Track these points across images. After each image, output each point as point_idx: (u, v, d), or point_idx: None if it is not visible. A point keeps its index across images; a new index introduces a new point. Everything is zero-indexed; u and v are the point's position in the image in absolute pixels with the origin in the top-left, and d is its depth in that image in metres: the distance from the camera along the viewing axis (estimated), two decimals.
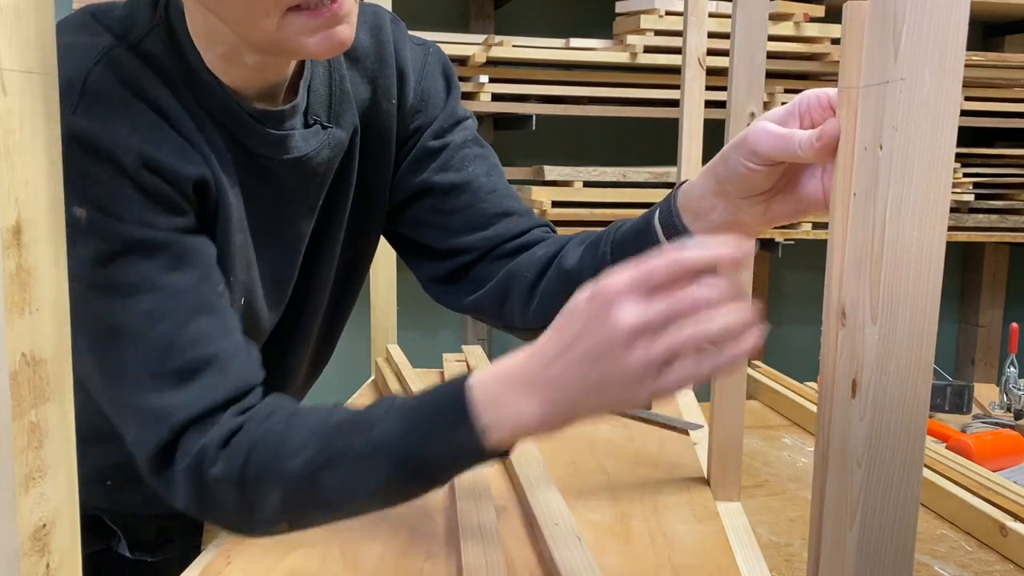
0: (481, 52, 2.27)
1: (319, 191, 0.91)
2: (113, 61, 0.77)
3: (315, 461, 0.69)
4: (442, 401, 0.68)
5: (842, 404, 0.57)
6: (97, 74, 0.75)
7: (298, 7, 0.73)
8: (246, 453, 0.70)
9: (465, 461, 0.69)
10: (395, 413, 0.70)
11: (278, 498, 0.70)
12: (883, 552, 0.55)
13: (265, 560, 0.89)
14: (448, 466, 0.69)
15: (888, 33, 0.50)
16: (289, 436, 0.71)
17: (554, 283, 0.88)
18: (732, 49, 1.00)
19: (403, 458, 0.68)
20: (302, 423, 0.72)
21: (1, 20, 0.44)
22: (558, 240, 0.94)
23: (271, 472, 0.70)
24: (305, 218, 0.92)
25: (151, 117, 0.77)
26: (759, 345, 0.61)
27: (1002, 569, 1.02)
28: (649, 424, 1.35)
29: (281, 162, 0.86)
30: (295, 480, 0.69)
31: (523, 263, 0.93)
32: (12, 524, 0.46)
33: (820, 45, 2.46)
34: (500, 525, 0.95)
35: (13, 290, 0.45)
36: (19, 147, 0.46)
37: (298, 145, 0.87)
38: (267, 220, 0.87)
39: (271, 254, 0.89)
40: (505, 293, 0.93)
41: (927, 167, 0.51)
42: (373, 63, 0.95)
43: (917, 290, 0.52)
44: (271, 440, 0.71)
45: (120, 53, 0.77)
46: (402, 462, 0.68)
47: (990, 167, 2.66)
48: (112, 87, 0.76)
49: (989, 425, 1.55)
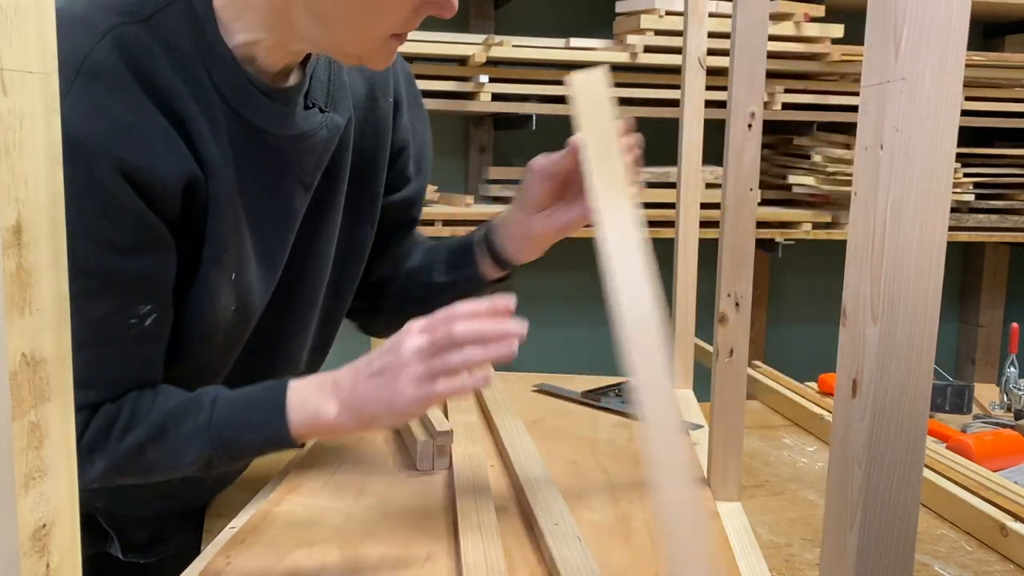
0: (481, 52, 2.27)
1: (315, 170, 0.96)
2: (119, 38, 0.79)
3: (144, 438, 0.84)
4: (264, 397, 0.86)
5: (842, 404, 0.57)
6: (100, 52, 0.78)
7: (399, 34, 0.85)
8: (81, 431, 0.80)
9: (270, 447, 0.87)
10: (221, 402, 0.86)
11: (103, 465, 0.84)
12: (883, 552, 0.55)
13: (265, 560, 0.89)
14: (255, 450, 0.88)
15: (888, 33, 0.50)
16: (128, 416, 0.84)
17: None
18: (732, 49, 1.00)
19: (221, 440, 0.84)
20: (142, 405, 0.85)
21: (1, 20, 0.44)
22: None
23: (100, 445, 0.83)
24: (300, 195, 0.95)
25: (145, 103, 0.79)
26: (513, 353, 0.81)
27: (1002, 569, 1.02)
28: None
29: (283, 137, 0.90)
30: (122, 452, 0.84)
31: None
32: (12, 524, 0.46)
33: (820, 45, 2.45)
34: (500, 525, 0.95)
35: (13, 290, 0.45)
36: (19, 147, 0.46)
37: (299, 123, 0.92)
38: (261, 195, 0.91)
39: (264, 228, 0.93)
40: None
41: (927, 167, 0.51)
42: None
43: (917, 290, 0.52)
44: (104, 419, 0.83)
45: (127, 29, 0.80)
46: (219, 443, 0.84)
47: (990, 167, 2.66)
48: (113, 66, 0.78)
49: (989, 425, 1.55)
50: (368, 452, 1.19)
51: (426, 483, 1.09)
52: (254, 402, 0.86)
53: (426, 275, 1.11)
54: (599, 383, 1.53)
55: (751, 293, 1.05)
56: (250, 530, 0.95)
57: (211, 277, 0.88)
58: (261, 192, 0.91)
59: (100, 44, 0.78)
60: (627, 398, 1.44)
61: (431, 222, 2.31)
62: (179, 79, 0.82)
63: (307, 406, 0.85)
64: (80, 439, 0.78)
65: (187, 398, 0.87)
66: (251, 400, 0.86)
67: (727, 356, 1.06)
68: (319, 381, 0.86)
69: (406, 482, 1.10)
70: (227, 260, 0.89)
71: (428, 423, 1.19)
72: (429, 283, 1.10)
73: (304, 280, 1.01)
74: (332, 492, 1.06)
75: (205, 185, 0.85)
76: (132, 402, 0.85)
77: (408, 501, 1.04)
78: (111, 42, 0.78)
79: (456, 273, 1.08)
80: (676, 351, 1.60)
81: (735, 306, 1.05)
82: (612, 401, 1.42)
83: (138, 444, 0.84)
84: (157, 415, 0.85)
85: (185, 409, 0.85)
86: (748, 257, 1.04)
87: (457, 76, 2.32)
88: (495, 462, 1.16)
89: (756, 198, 1.03)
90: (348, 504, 1.03)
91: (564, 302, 2.77)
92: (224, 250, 0.88)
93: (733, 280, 1.04)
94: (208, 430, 0.84)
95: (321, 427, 0.85)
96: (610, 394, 1.45)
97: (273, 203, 0.93)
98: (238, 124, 0.87)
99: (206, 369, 0.96)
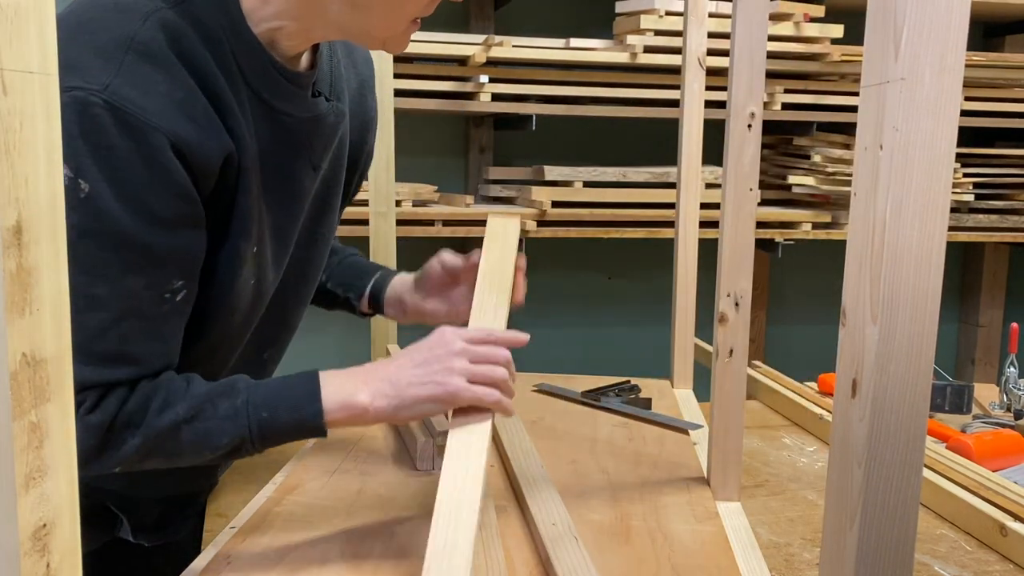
0: (481, 52, 2.27)
1: (324, 153, 1.01)
2: (160, 20, 0.84)
3: (182, 416, 0.85)
4: (297, 382, 0.90)
5: (842, 404, 0.57)
6: (146, 33, 0.82)
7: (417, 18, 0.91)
8: (118, 406, 0.83)
9: (302, 432, 0.89)
10: (255, 387, 0.89)
11: (138, 442, 0.85)
12: (883, 552, 0.55)
13: (265, 560, 0.89)
14: (287, 434, 0.89)
15: (888, 33, 0.50)
16: (164, 395, 0.86)
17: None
18: (732, 49, 1.00)
19: (257, 422, 0.87)
20: (178, 386, 0.87)
21: (1, 20, 0.44)
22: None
23: (137, 421, 0.84)
24: (308, 175, 1.00)
25: (188, 81, 0.84)
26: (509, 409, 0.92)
27: (1002, 569, 1.02)
28: (649, 423, 1.35)
29: (298, 119, 0.95)
30: (160, 430, 0.85)
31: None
32: (12, 524, 0.46)
33: (820, 45, 2.45)
34: (500, 525, 0.95)
35: (13, 290, 0.45)
36: (19, 147, 0.46)
37: (311, 107, 0.97)
38: (276, 173, 0.95)
39: (278, 205, 0.97)
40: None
41: (927, 167, 0.51)
42: (362, 60, 1.11)
43: (917, 290, 0.52)
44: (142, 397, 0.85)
45: (166, 13, 0.84)
46: (255, 425, 0.87)
47: (990, 167, 2.65)
48: (159, 45, 0.83)
49: (989, 425, 1.55)
50: (368, 452, 1.19)
51: (426, 483, 1.09)
52: (288, 387, 0.90)
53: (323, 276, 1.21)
54: (599, 383, 1.53)
55: (751, 293, 1.05)
56: (250, 530, 0.95)
57: (239, 250, 0.92)
58: (276, 170, 0.95)
59: (144, 26, 0.82)
60: (627, 398, 1.44)
61: (431, 222, 2.31)
62: (211, 59, 0.86)
63: (341, 392, 0.89)
64: (115, 416, 0.84)
65: (222, 382, 0.90)
66: (285, 385, 0.90)
67: (727, 356, 1.06)
68: (348, 371, 0.92)
69: (406, 482, 1.10)
70: (253, 233, 0.93)
71: (428, 423, 1.19)
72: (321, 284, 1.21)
73: (309, 258, 1.06)
74: (332, 492, 1.06)
75: (237, 160, 0.89)
76: (167, 383, 0.87)
77: (408, 501, 1.04)
78: (154, 24, 0.83)
79: (341, 290, 1.22)
80: (676, 351, 1.60)
81: (735, 306, 1.05)
82: (612, 401, 1.42)
83: (174, 423, 0.85)
84: (194, 396, 0.87)
85: (221, 391, 0.88)
86: (748, 257, 1.04)
87: (457, 76, 2.32)
88: (495, 462, 1.16)
89: (756, 198, 1.03)
90: (348, 504, 1.03)
91: (565, 302, 2.77)
92: (251, 223, 0.92)
93: (733, 280, 1.04)
94: (245, 412, 0.87)
95: (354, 412, 0.89)
96: (610, 394, 1.45)
97: (287, 182, 0.97)
98: (258, 105, 0.91)
99: (223, 347, 0.99)
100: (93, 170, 0.78)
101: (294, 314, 1.10)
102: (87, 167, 0.78)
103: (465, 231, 2.36)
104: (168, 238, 0.84)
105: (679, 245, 1.55)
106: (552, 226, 2.39)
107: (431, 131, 2.65)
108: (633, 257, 2.79)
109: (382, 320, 1.74)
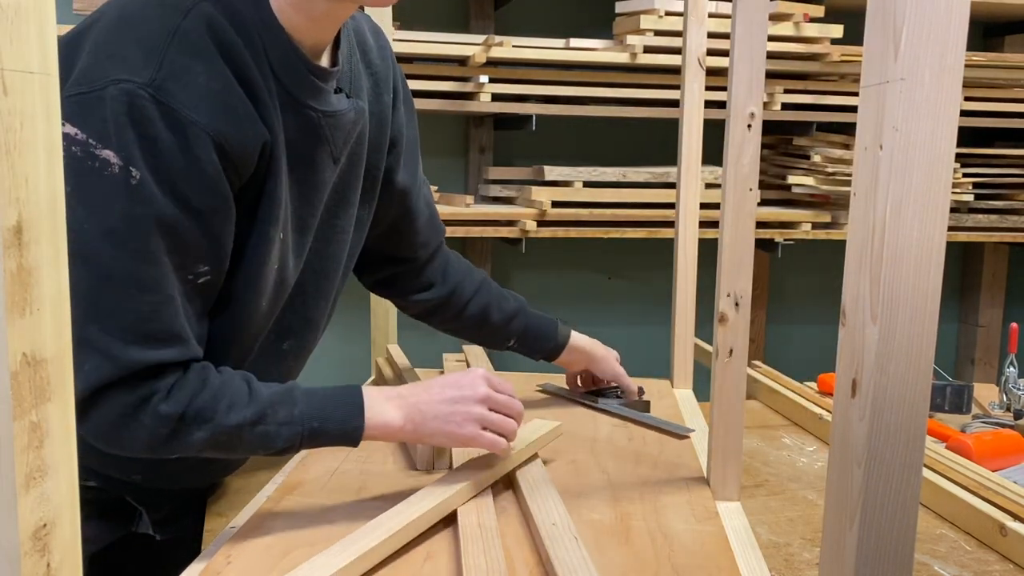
0: (481, 52, 2.27)
1: (344, 147, 1.05)
2: (200, 13, 0.88)
3: (248, 419, 0.91)
4: (344, 396, 0.98)
5: (842, 404, 0.57)
6: (187, 25, 0.87)
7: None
8: (189, 398, 0.89)
9: (341, 442, 0.97)
10: (308, 396, 0.96)
11: (205, 436, 0.90)
12: (883, 552, 0.55)
13: (265, 560, 0.89)
14: (328, 443, 0.96)
15: (888, 33, 0.51)
16: (230, 395, 0.91)
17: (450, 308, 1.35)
18: (732, 49, 1.00)
19: (309, 431, 0.94)
20: (242, 388, 0.93)
21: (1, 20, 0.44)
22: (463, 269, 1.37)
23: (207, 417, 0.90)
24: (328, 167, 1.04)
25: (225, 72, 0.89)
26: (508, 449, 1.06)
27: (1001, 569, 1.02)
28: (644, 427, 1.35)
29: (321, 112, 0.99)
30: (226, 429, 0.91)
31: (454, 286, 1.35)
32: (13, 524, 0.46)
33: (820, 45, 2.45)
34: (500, 525, 0.95)
35: (13, 290, 0.45)
36: (19, 146, 0.46)
37: (332, 102, 1.01)
38: (298, 163, 0.99)
39: (300, 195, 1.01)
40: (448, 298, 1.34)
41: (927, 167, 0.51)
42: (376, 58, 1.13)
43: (917, 290, 0.52)
44: (211, 393, 0.90)
45: (205, 6, 0.89)
46: (307, 433, 0.94)
47: (990, 167, 2.65)
48: (199, 38, 0.87)
49: (989, 425, 1.55)
50: (368, 452, 1.19)
51: (425, 483, 1.09)
52: (336, 401, 0.97)
53: (499, 335, 1.39)
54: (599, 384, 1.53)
55: (751, 293, 1.05)
56: (250, 530, 0.95)
57: (267, 235, 0.96)
58: (298, 161, 0.99)
59: (186, 20, 0.87)
60: (626, 399, 1.44)
61: None
62: (246, 51, 0.91)
63: (377, 412, 0.98)
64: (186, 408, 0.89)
65: (280, 389, 0.96)
66: (333, 398, 0.97)
67: (727, 356, 1.06)
68: (385, 392, 1.01)
69: (406, 482, 1.10)
70: (280, 219, 0.98)
71: None
72: (500, 342, 1.41)
73: (328, 250, 1.10)
74: (332, 492, 1.06)
75: (270, 148, 0.94)
76: (230, 381, 0.93)
77: None
78: (195, 17, 0.88)
79: (526, 351, 1.43)
80: (676, 351, 1.60)
81: (735, 306, 1.05)
82: (611, 403, 1.42)
83: (240, 424, 0.91)
84: (258, 401, 0.93)
85: (281, 399, 0.94)
86: (748, 257, 1.04)
87: (457, 76, 2.32)
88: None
89: (756, 198, 1.03)
90: (348, 504, 1.03)
91: (565, 302, 2.77)
92: (279, 209, 0.97)
93: (733, 280, 1.04)
94: (300, 420, 0.94)
95: (387, 432, 0.99)
96: (609, 395, 1.45)
97: (308, 171, 1.01)
98: (285, 96, 0.95)
99: (247, 332, 1.02)
100: (140, 159, 0.83)
101: (314, 309, 1.13)
102: (136, 156, 0.83)
103: (465, 231, 2.36)
104: (199, 226, 0.88)
105: (679, 245, 1.55)
106: (552, 226, 2.39)
107: (431, 131, 2.64)
108: (633, 257, 2.79)
109: (382, 320, 1.74)
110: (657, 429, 1.33)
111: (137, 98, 0.83)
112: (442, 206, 2.40)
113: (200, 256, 0.90)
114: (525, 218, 2.36)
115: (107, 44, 0.86)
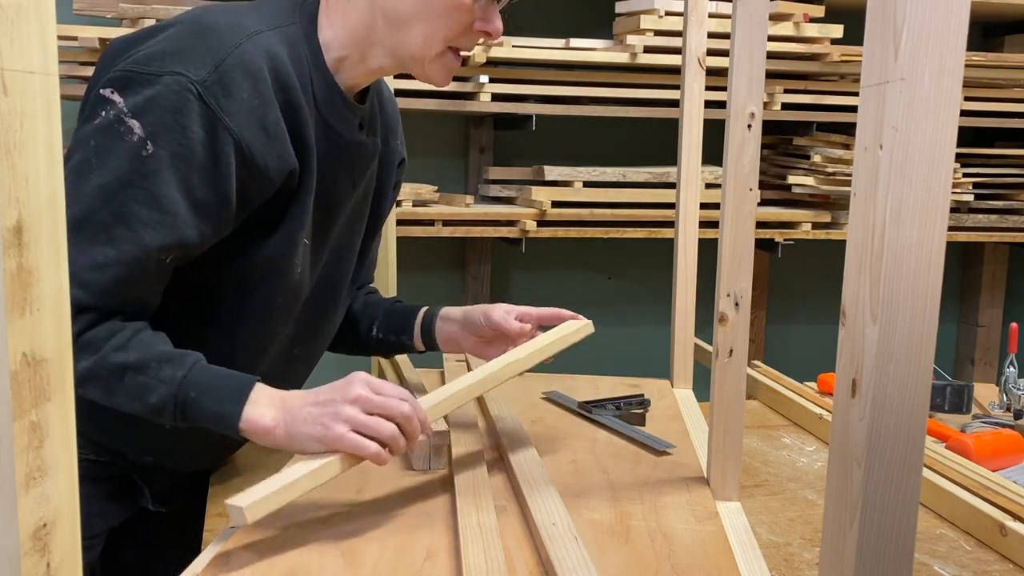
0: (481, 52, 2.27)
1: (362, 174, 1.17)
2: (261, 39, 1.01)
3: (131, 363, 0.95)
4: (235, 381, 0.98)
5: (842, 404, 0.57)
6: (247, 47, 0.99)
7: (456, 49, 1.08)
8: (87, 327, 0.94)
9: (217, 424, 0.97)
10: (199, 368, 0.98)
11: (88, 366, 0.94)
12: (883, 552, 0.55)
13: (265, 560, 0.89)
14: (204, 421, 0.97)
15: (888, 33, 0.51)
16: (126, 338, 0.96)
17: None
18: (732, 49, 1.00)
19: (184, 398, 0.96)
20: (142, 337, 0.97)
21: (1, 20, 0.44)
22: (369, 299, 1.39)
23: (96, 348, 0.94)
24: (348, 190, 1.15)
25: (268, 93, 0.99)
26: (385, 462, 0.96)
27: (1001, 569, 1.02)
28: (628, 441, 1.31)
29: (348, 141, 1.12)
30: (106, 364, 0.95)
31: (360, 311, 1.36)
32: (13, 523, 0.46)
33: (820, 45, 2.45)
34: (500, 525, 0.95)
35: (14, 290, 0.46)
36: (19, 146, 0.46)
37: (357, 134, 1.14)
38: (322, 180, 1.09)
39: (321, 209, 1.11)
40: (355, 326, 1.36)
41: (927, 167, 0.51)
42: (389, 105, 1.27)
43: (917, 290, 0.52)
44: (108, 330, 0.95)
45: (267, 35, 1.02)
46: (181, 400, 0.96)
47: (990, 167, 2.65)
48: (253, 59, 0.99)
49: (989, 425, 1.55)
50: None
51: (426, 483, 1.10)
52: (225, 380, 0.98)
53: (364, 327, 1.34)
54: (598, 385, 1.53)
55: (751, 293, 1.05)
56: (250, 530, 0.95)
57: (294, 237, 1.07)
58: (323, 178, 1.09)
59: (249, 42, 0.99)
60: (624, 412, 1.40)
61: (431, 222, 2.31)
62: (295, 77, 1.03)
63: (257, 408, 0.97)
64: (78, 335, 0.92)
65: (178, 351, 0.99)
66: (224, 377, 0.99)
67: (727, 356, 1.06)
68: (277, 394, 1.00)
69: (405, 482, 1.10)
70: (308, 226, 1.08)
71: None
72: (367, 335, 1.34)
73: (339, 265, 1.20)
74: (332, 492, 1.06)
75: (305, 162, 1.05)
76: (136, 329, 0.97)
77: (408, 501, 1.04)
78: (255, 43, 1.00)
79: (393, 336, 1.34)
80: (676, 351, 1.60)
81: (735, 306, 1.05)
82: (605, 416, 1.39)
83: (121, 366, 0.95)
84: (148, 351, 0.97)
85: (170, 358, 0.97)
86: (748, 257, 1.04)
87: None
88: (495, 462, 1.16)
89: (756, 198, 1.03)
90: (348, 504, 1.03)
91: (565, 302, 2.77)
92: (307, 218, 1.08)
93: (733, 280, 1.04)
94: (179, 384, 0.96)
95: (259, 431, 0.97)
96: (607, 406, 1.43)
97: (331, 190, 1.12)
98: (320, 122, 1.08)
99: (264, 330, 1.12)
100: (165, 140, 0.93)
101: (323, 322, 1.22)
102: (161, 135, 0.93)
103: (465, 231, 2.36)
104: (192, 215, 0.96)
105: (679, 245, 1.55)
106: (552, 226, 2.39)
107: (431, 131, 2.64)
108: (633, 257, 2.79)
109: None
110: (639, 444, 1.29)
111: (187, 91, 0.94)
112: (442, 206, 2.40)
113: (177, 240, 0.96)
114: (525, 218, 2.36)
115: (177, 42, 0.98)
